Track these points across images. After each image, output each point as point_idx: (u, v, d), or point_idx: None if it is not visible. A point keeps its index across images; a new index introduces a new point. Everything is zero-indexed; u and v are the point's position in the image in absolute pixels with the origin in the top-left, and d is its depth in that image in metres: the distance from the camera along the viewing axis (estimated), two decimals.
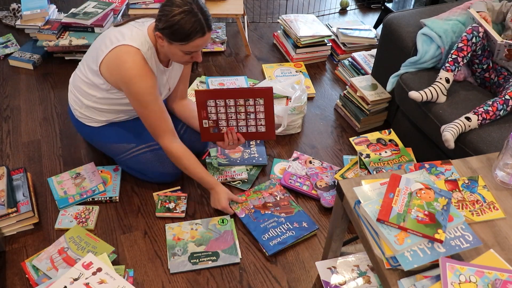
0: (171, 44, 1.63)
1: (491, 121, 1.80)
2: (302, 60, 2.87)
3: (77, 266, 1.58)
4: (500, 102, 1.78)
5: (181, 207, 1.91)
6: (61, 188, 1.95)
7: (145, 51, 1.68)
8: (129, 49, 1.65)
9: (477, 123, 1.77)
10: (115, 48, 1.67)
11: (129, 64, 1.65)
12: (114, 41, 1.68)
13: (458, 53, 1.89)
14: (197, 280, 1.69)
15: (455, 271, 1.09)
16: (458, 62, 1.89)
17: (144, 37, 1.69)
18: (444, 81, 1.89)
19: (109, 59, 1.69)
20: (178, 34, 1.58)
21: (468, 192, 1.35)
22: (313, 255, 1.79)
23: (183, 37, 1.59)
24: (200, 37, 1.61)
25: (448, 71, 1.89)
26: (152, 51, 1.71)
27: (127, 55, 1.65)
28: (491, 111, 1.77)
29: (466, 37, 1.89)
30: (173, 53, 1.67)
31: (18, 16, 3.01)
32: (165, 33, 1.60)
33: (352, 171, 2.01)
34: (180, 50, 1.64)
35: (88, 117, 1.91)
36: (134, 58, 1.65)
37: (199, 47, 1.65)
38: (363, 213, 1.23)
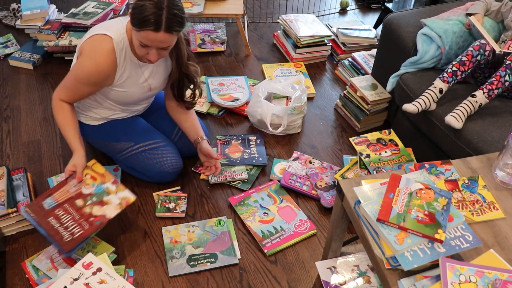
0: (132, 31, 1.62)
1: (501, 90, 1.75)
2: (302, 60, 2.86)
3: (77, 266, 1.58)
4: (502, 69, 1.75)
5: (181, 207, 1.91)
6: None
7: (117, 41, 1.68)
8: (101, 37, 1.67)
9: (485, 97, 1.74)
10: (91, 36, 1.69)
11: (95, 46, 1.67)
12: (94, 30, 1.71)
13: (459, 67, 1.85)
14: (197, 280, 1.69)
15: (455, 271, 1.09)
16: (457, 75, 1.86)
17: (121, 28, 1.70)
18: (438, 91, 1.87)
19: (84, 45, 1.71)
20: (134, 18, 1.56)
21: (468, 192, 1.35)
22: (313, 255, 1.79)
23: (137, 22, 1.55)
24: (152, 30, 1.54)
25: (444, 81, 1.87)
26: (124, 42, 1.70)
27: (99, 41, 1.67)
28: (495, 80, 1.74)
29: (472, 52, 1.84)
30: (134, 41, 1.65)
31: (18, 16, 3.01)
32: (130, 15, 1.59)
33: (352, 171, 2.01)
34: (136, 37, 1.61)
35: (86, 115, 1.91)
36: (103, 44, 1.66)
37: (149, 41, 1.57)
38: (363, 213, 1.23)
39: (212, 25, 3.16)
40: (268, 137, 2.32)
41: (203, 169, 2.05)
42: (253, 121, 2.35)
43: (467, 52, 1.85)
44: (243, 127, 2.39)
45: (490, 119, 1.82)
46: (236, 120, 2.43)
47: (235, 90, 2.54)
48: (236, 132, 2.35)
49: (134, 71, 1.78)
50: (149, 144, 1.92)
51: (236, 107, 2.44)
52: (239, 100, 2.46)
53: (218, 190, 2.03)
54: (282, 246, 1.79)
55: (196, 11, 2.69)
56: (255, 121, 2.33)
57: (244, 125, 2.40)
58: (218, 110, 2.46)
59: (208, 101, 2.48)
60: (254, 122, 2.35)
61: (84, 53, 1.69)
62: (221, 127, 2.38)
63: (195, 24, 3.18)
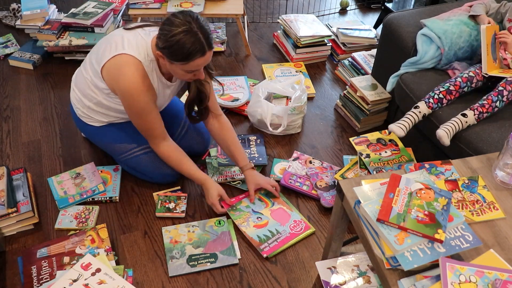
0: (172, 64, 1.62)
1: (490, 115, 1.79)
2: (302, 60, 2.86)
3: (76, 267, 1.58)
4: (494, 94, 1.78)
5: (181, 207, 1.91)
6: (61, 188, 1.95)
7: (147, 64, 1.66)
8: (129, 60, 1.64)
9: (474, 118, 1.76)
10: (117, 55, 1.65)
11: (128, 77, 1.63)
12: (118, 47, 1.66)
13: (445, 95, 1.87)
14: (197, 280, 1.69)
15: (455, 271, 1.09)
16: (443, 103, 1.87)
17: (147, 49, 1.67)
18: (421, 116, 1.88)
19: (110, 65, 1.68)
20: (178, 54, 1.56)
21: (468, 192, 1.35)
22: (313, 255, 1.79)
23: (183, 57, 1.57)
24: (200, 56, 1.58)
25: (429, 107, 1.88)
26: (153, 65, 1.69)
27: (127, 67, 1.64)
28: (487, 104, 1.77)
29: (459, 83, 1.87)
30: (175, 71, 1.66)
31: (18, 16, 3.01)
32: (165, 52, 1.58)
33: (352, 171, 2.01)
34: (181, 69, 1.63)
35: (89, 116, 1.91)
36: (134, 71, 1.64)
37: (199, 66, 1.63)
38: (363, 213, 1.23)
39: (212, 25, 3.16)
40: (268, 137, 2.32)
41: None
42: (253, 121, 2.35)
43: (455, 82, 1.88)
44: (243, 127, 2.39)
45: (490, 119, 1.82)
46: (236, 120, 2.43)
47: (235, 90, 2.54)
48: (236, 132, 2.34)
49: (162, 90, 1.80)
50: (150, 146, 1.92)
51: (236, 107, 2.44)
52: (239, 100, 2.46)
53: None
54: (280, 249, 1.78)
55: (196, 11, 2.68)
56: (255, 121, 2.32)
57: (244, 125, 2.40)
58: None
59: None
60: (254, 122, 2.35)
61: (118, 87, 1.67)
62: None
63: None
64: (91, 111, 1.88)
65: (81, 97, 1.86)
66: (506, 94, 1.77)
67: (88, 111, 1.89)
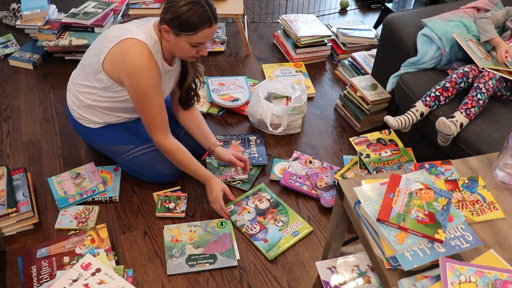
0: (178, 37, 1.62)
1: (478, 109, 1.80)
2: (302, 60, 2.86)
3: (76, 267, 1.58)
4: (472, 90, 1.81)
5: (181, 207, 1.91)
6: (61, 188, 1.95)
7: (151, 45, 1.66)
8: (135, 41, 1.64)
9: (463, 116, 1.78)
10: (120, 41, 1.65)
11: (135, 55, 1.63)
12: (119, 35, 1.67)
13: (442, 92, 1.88)
14: (197, 280, 1.69)
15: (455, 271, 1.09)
16: (440, 100, 1.88)
17: (149, 32, 1.68)
18: (419, 115, 1.89)
19: (113, 52, 1.67)
20: (186, 24, 1.58)
21: (468, 192, 1.35)
22: (313, 255, 1.79)
23: (191, 27, 1.59)
24: (208, 27, 1.62)
25: (426, 105, 1.88)
26: (157, 47, 1.69)
27: (133, 47, 1.63)
28: (469, 100, 1.80)
29: (455, 79, 1.88)
30: (180, 46, 1.66)
31: (18, 16, 3.01)
32: (173, 24, 1.59)
33: (352, 171, 2.01)
34: (188, 42, 1.64)
35: (86, 118, 1.90)
36: (141, 49, 1.63)
37: (206, 38, 1.65)
38: (363, 213, 1.23)
39: None
40: (268, 137, 2.32)
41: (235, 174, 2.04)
42: (253, 121, 2.35)
43: (451, 78, 1.89)
44: (243, 127, 2.39)
45: (489, 119, 1.82)
46: (236, 120, 2.43)
47: (235, 90, 2.54)
48: (236, 132, 2.35)
49: (164, 75, 1.79)
50: (149, 147, 1.92)
51: (236, 107, 2.44)
52: (239, 100, 2.46)
53: None
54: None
55: None
56: (255, 121, 2.32)
57: (244, 125, 2.40)
58: (218, 110, 2.46)
59: (208, 101, 2.48)
60: (254, 122, 2.35)
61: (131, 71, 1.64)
62: (221, 127, 2.38)
63: None
64: (88, 111, 1.87)
65: (80, 97, 1.85)
66: (482, 87, 1.80)
67: (84, 112, 1.88)
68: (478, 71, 1.90)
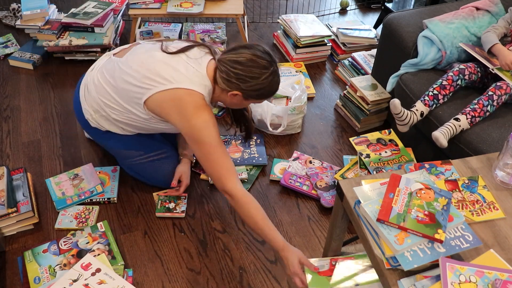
0: (247, 100, 1.63)
1: (482, 119, 1.80)
2: (302, 60, 2.86)
3: (75, 267, 1.58)
4: (485, 98, 1.79)
5: (181, 207, 1.91)
6: (59, 189, 1.94)
7: (206, 95, 1.59)
8: (191, 93, 1.55)
9: (467, 122, 1.77)
10: (171, 89, 1.56)
11: (195, 112, 1.54)
12: (170, 80, 1.56)
13: (440, 90, 1.88)
14: (197, 280, 1.69)
15: (455, 271, 1.09)
16: (439, 99, 1.88)
17: (203, 80, 1.59)
18: (419, 114, 1.89)
19: (163, 98, 1.57)
20: (265, 94, 1.62)
21: (468, 192, 1.35)
22: (313, 255, 1.79)
23: (267, 96, 1.63)
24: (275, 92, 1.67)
25: (425, 105, 1.88)
26: (209, 91, 1.62)
27: (190, 98, 1.55)
28: (478, 108, 1.78)
29: (452, 77, 1.89)
30: (241, 104, 1.68)
31: (18, 16, 3.01)
32: (249, 94, 1.59)
33: (352, 171, 2.01)
34: (250, 103, 1.69)
35: (99, 124, 1.81)
36: (199, 105, 1.55)
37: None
38: (363, 213, 1.22)
39: (212, 25, 3.16)
40: (268, 137, 2.32)
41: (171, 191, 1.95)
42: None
43: (448, 76, 1.89)
44: None
45: (489, 119, 1.82)
46: None
47: None
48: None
49: None
50: (157, 154, 1.90)
51: None
52: None
53: (218, 190, 2.03)
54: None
55: (196, 11, 2.69)
56: (255, 121, 2.32)
57: None
58: (218, 110, 2.46)
59: None
60: (254, 122, 2.35)
61: (194, 129, 1.56)
62: (221, 127, 2.38)
63: (195, 24, 3.18)
64: (107, 122, 1.79)
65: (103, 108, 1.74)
66: (496, 99, 1.79)
67: (102, 120, 1.79)
68: (474, 68, 1.90)
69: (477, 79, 1.93)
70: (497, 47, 1.92)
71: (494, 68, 1.85)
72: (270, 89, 1.60)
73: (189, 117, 1.56)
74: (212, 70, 1.61)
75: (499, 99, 1.79)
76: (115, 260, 1.69)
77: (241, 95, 1.60)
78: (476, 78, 1.93)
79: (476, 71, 1.91)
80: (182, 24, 3.17)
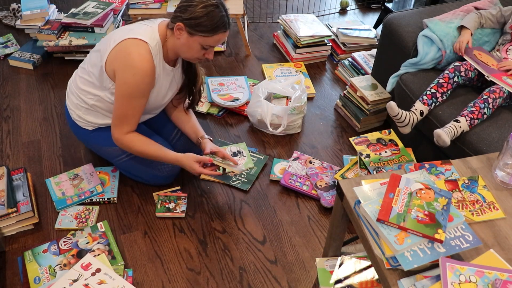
0: (192, 36, 1.63)
1: (481, 121, 1.80)
2: (302, 60, 2.86)
3: (75, 267, 1.58)
4: (480, 101, 1.81)
5: (181, 207, 1.91)
6: (59, 189, 1.94)
7: (153, 46, 1.66)
8: (137, 42, 1.64)
9: (467, 124, 1.77)
10: (122, 41, 1.65)
11: (134, 55, 1.63)
12: (122, 35, 1.67)
13: (437, 89, 1.89)
14: (197, 280, 1.69)
15: (455, 271, 1.09)
16: (437, 97, 1.89)
17: (153, 33, 1.68)
18: (418, 114, 1.89)
19: (115, 51, 1.67)
20: (203, 25, 1.60)
21: (468, 192, 1.35)
22: (313, 255, 1.79)
23: (208, 29, 1.61)
24: (223, 32, 1.65)
25: (424, 104, 1.89)
26: (159, 47, 1.69)
27: (134, 47, 1.64)
28: (476, 110, 1.79)
29: (448, 75, 1.90)
30: (190, 46, 1.66)
31: (18, 16, 3.01)
32: (189, 23, 1.60)
33: (352, 171, 2.01)
34: (199, 43, 1.65)
35: (85, 121, 1.89)
36: (140, 50, 1.63)
37: (218, 42, 1.67)
38: (363, 213, 1.22)
39: None
40: (268, 137, 2.32)
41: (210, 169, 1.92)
42: (253, 121, 2.35)
43: (443, 74, 1.91)
44: (243, 127, 2.39)
45: (489, 119, 1.82)
46: (236, 120, 2.43)
47: (235, 90, 2.54)
48: (236, 132, 2.35)
49: (164, 76, 1.78)
50: None
51: (236, 107, 2.44)
52: (239, 100, 2.46)
53: (218, 190, 2.03)
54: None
55: None
56: (255, 121, 2.32)
57: (244, 125, 2.40)
58: (218, 110, 2.46)
59: (208, 101, 2.48)
60: (254, 122, 2.35)
61: (121, 64, 1.65)
62: (221, 127, 2.38)
63: None
64: (88, 113, 1.86)
65: (80, 97, 1.84)
66: (491, 102, 1.80)
67: (84, 114, 1.87)
68: (470, 65, 1.91)
69: (474, 77, 1.94)
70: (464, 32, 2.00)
71: (490, 76, 1.85)
72: (211, 21, 1.59)
73: (129, 65, 1.63)
74: (165, 26, 1.70)
75: (494, 102, 1.81)
76: (115, 260, 1.69)
77: (184, 29, 1.62)
78: (474, 76, 1.93)
79: (472, 68, 1.92)
80: None
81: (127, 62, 1.64)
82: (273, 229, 1.89)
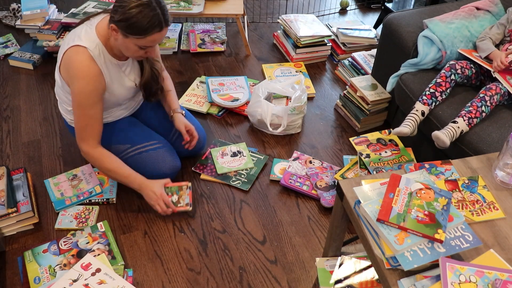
0: (126, 38, 1.59)
1: (480, 120, 1.80)
2: (302, 60, 2.86)
3: (75, 267, 1.58)
4: (477, 100, 1.81)
5: (184, 199, 1.85)
6: (57, 190, 1.94)
7: (92, 49, 1.64)
8: (76, 49, 1.62)
9: (465, 124, 1.77)
10: (65, 52, 1.65)
11: (75, 64, 1.62)
12: (66, 45, 1.66)
13: (436, 88, 1.89)
14: (197, 280, 1.69)
15: (455, 271, 1.09)
16: (436, 96, 1.89)
17: (92, 35, 1.65)
18: (420, 114, 1.89)
19: (63, 63, 1.68)
20: (134, 27, 1.54)
21: (468, 192, 1.35)
22: (313, 255, 1.79)
23: (140, 31, 1.55)
24: (158, 32, 1.57)
25: (424, 104, 1.89)
26: (100, 48, 1.66)
27: (75, 55, 1.62)
28: (473, 109, 1.79)
29: (444, 74, 1.90)
30: (127, 47, 1.63)
31: (18, 16, 3.01)
32: (121, 25, 1.56)
33: (352, 171, 2.01)
34: (135, 44, 1.60)
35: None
36: (80, 57, 1.62)
37: (155, 42, 1.62)
38: (363, 213, 1.23)
39: (212, 25, 3.16)
40: (268, 137, 2.32)
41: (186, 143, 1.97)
42: (253, 121, 2.35)
43: (440, 74, 1.91)
44: (243, 127, 2.39)
45: (489, 119, 1.82)
46: (236, 120, 2.43)
47: (235, 90, 2.54)
48: (236, 132, 2.35)
49: (116, 72, 1.76)
50: (145, 146, 1.90)
51: (236, 107, 2.44)
52: (239, 100, 2.46)
53: (218, 190, 2.03)
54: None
55: (196, 11, 2.70)
56: (255, 121, 2.33)
57: (244, 125, 2.40)
58: (218, 110, 2.46)
59: (208, 101, 2.48)
60: (254, 122, 2.35)
61: (69, 76, 1.66)
62: (221, 127, 2.38)
63: (195, 24, 3.18)
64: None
65: (62, 104, 1.87)
66: (488, 99, 1.80)
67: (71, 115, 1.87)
68: (467, 63, 1.92)
69: (471, 75, 1.94)
70: (493, 54, 1.93)
71: (495, 73, 1.85)
72: (142, 23, 1.53)
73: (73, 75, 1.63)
74: (106, 24, 1.65)
75: (492, 99, 1.80)
76: (115, 260, 1.69)
77: (117, 29, 1.58)
78: (471, 74, 1.94)
79: (469, 66, 1.92)
80: (182, 24, 3.17)
81: (71, 73, 1.64)
82: (273, 229, 1.89)
